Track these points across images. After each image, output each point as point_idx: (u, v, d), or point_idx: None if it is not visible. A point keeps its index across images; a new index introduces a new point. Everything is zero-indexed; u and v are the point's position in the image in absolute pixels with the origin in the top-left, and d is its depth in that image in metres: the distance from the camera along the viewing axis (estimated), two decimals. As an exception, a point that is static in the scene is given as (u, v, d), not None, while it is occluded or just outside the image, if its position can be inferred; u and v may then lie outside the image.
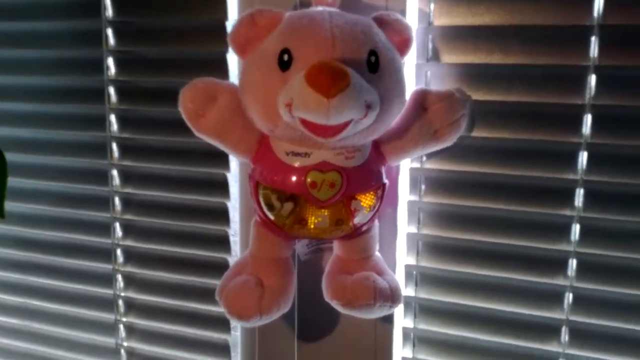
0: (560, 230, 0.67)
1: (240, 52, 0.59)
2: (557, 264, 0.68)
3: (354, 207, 0.60)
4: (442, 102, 0.62)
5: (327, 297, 0.65)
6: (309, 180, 0.57)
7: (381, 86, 0.55)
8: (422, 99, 0.63)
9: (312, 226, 0.60)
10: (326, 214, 0.59)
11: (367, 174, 0.61)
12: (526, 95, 0.64)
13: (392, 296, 0.64)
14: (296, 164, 0.58)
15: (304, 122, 0.52)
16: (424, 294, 0.73)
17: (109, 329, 0.86)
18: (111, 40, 0.77)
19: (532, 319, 0.69)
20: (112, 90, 0.79)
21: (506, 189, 0.67)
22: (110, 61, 0.78)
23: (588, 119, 0.64)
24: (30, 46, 0.82)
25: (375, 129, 0.57)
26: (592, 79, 0.62)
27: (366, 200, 0.61)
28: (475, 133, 0.67)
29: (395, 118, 0.60)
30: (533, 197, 0.67)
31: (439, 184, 0.70)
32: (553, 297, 0.68)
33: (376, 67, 0.55)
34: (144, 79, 0.77)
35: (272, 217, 0.62)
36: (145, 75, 0.77)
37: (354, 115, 0.51)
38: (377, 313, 0.64)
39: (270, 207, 0.61)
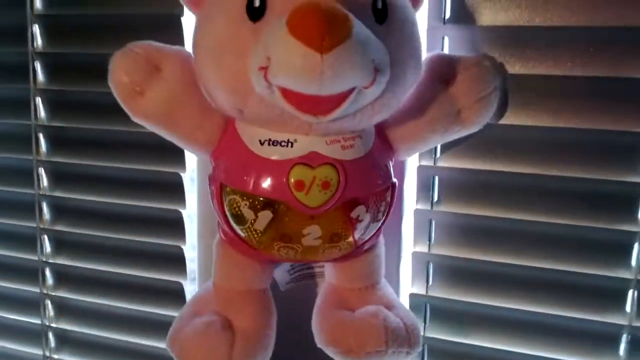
0: (622, 250, 0.57)
1: (193, 3, 0.47)
2: (615, 297, 0.58)
3: (355, 216, 0.48)
4: (468, 70, 0.52)
5: (320, 341, 0.55)
6: (292, 179, 0.45)
7: (392, 42, 0.42)
8: (442, 67, 0.52)
9: (298, 245, 0.48)
10: (318, 226, 0.47)
11: (371, 170, 0.49)
12: (578, 67, 0.54)
13: (408, 339, 0.53)
14: (274, 157, 0.46)
15: (286, 93, 0.40)
16: (434, 334, 0.64)
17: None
18: (37, 3, 0.68)
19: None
20: (38, 66, 0.69)
21: (548, 195, 0.58)
22: (35, 29, 0.68)
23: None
24: None
25: (384, 104, 0.44)
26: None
27: (371, 206, 0.49)
28: (508, 120, 0.56)
29: (410, 90, 0.48)
30: (584, 208, 0.57)
31: (456, 187, 0.61)
32: (605, 340, 0.59)
33: (384, 14, 0.43)
34: (78, 52, 0.67)
35: (242, 234, 0.50)
36: (80, 47, 0.67)
37: (358, 80, 0.39)
38: (389, 363, 0.54)
39: (240, 219, 0.48)
